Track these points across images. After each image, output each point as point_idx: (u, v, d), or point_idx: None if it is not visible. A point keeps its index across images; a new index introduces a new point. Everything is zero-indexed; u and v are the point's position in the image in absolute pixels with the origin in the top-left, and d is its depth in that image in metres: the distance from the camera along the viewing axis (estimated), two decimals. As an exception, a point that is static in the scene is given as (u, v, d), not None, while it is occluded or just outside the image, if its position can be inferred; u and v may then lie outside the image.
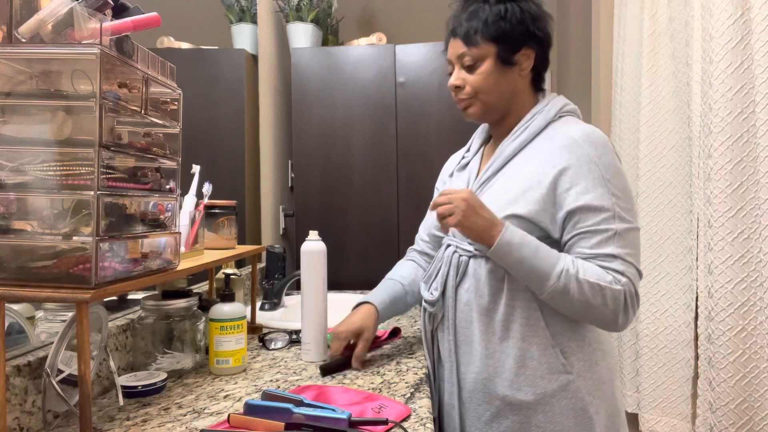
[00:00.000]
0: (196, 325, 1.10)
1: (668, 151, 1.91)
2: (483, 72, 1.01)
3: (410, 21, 3.09)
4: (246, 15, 2.01)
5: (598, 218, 0.93)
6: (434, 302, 1.06)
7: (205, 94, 1.71)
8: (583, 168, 0.94)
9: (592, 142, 0.96)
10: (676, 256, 1.89)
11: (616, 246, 0.92)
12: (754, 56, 1.48)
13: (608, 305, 0.91)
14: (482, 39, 1.00)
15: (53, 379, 0.78)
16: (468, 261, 1.02)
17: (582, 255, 0.94)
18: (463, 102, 1.05)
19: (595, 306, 0.91)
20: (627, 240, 0.93)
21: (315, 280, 1.14)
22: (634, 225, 0.95)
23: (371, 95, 2.19)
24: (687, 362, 1.83)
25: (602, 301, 0.91)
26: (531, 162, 0.99)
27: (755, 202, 1.50)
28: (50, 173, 0.72)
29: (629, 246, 0.93)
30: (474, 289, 1.01)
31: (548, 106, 1.04)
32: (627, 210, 0.95)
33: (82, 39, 0.72)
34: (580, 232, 0.94)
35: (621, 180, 0.96)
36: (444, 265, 1.06)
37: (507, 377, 0.97)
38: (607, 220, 0.93)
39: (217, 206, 1.29)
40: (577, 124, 1.00)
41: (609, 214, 0.93)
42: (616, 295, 0.91)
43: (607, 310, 0.92)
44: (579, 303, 0.91)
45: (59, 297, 0.70)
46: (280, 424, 0.76)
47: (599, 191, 0.93)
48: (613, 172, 0.95)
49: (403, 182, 2.20)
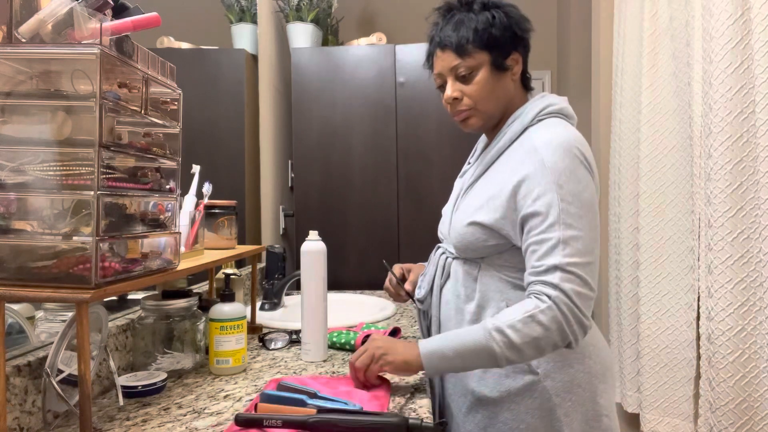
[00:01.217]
0: (196, 325, 1.10)
1: (669, 151, 1.91)
2: (479, 81, 1.00)
3: (410, 21, 3.09)
4: (246, 15, 2.01)
5: (543, 225, 0.90)
6: (422, 300, 1.13)
7: (205, 94, 1.71)
8: (538, 174, 0.92)
9: (551, 147, 0.93)
10: (677, 256, 1.89)
11: (559, 255, 0.88)
12: (754, 56, 1.48)
13: (550, 328, 0.86)
14: (474, 48, 0.99)
15: (53, 379, 0.78)
16: (452, 262, 1.07)
17: (530, 270, 0.91)
18: (462, 113, 1.03)
19: (541, 337, 0.87)
20: (572, 248, 0.88)
21: (315, 280, 1.14)
22: (580, 233, 0.89)
23: (371, 95, 2.19)
24: (689, 362, 1.83)
25: (543, 330, 0.87)
26: (502, 169, 0.99)
27: (755, 202, 1.50)
28: (50, 173, 0.72)
29: (575, 254, 0.88)
30: (453, 288, 1.05)
31: (527, 110, 1.02)
32: (577, 217, 0.90)
33: (82, 39, 0.72)
34: (530, 243, 0.92)
35: (575, 185, 0.91)
36: (433, 265, 1.12)
37: (477, 373, 1.00)
38: (551, 227, 0.89)
39: (217, 206, 1.29)
40: (547, 129, 0.97)
41: (553, 220, 0.90)
42: (551, 315, 0.87)
43: (552, 333, 0.87)
44: (527, 345, 0.87)
45: (59, 297, 0.70)
46: (311, 410, 0.79)
47: (548, 197, 0.90)
48: (567, 177, 0.91)
49: (403, 182, 2.20)
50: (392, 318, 1.55)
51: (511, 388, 0.97)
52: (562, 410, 0.95)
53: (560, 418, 0.95)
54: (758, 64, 1.47)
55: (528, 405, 0.96)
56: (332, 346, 1.24)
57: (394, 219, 2.20)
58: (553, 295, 0.87)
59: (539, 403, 0.95)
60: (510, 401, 0.97)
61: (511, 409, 0.96)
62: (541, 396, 0.95)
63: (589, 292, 0.89)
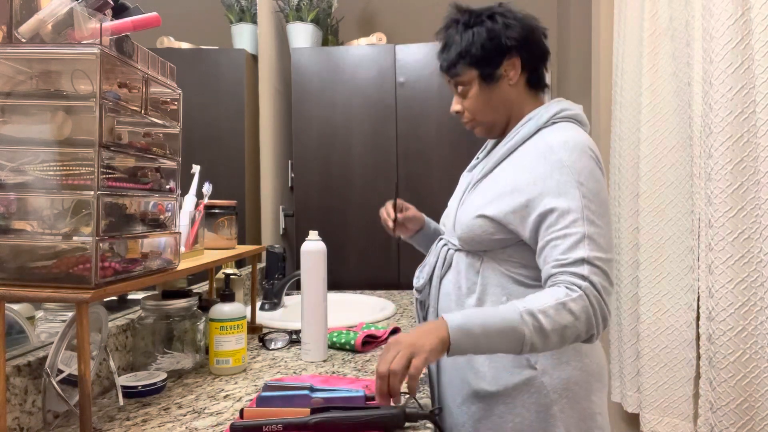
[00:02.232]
0: (196, 325, 1.10)
1: (669, 151, 1.91)
2: (473, 95, 1.07)
3: (410, 21, 3.09)
4: (246, 15, 2.01)
5: (566, 221, 0.92)
6: (421, 289, 1.15)
7: (205, 94, 1.71)
8: (556, 172, 0.95)
9: (568, 147, 0.96)
10: (677, 256, 1.89)
11: (586, 249, 0.90)
12: (754, 56, 1.48)
13: (580, 318, 0.87)
14: (462, 67, 1.05)
15: (53, 379, 0.77)
16: (454, 254, 1.08)
17: (554, 263, 0.92)
18: (467, 125, 1.12)
19: (569, 326, 0.87)
20: (597, 244, 0.91)
21: (315, 280, 1.14)
22: (602, 230, 0.92)
23: (371, 95, 2.19)
24: (689, 362, 1.83)
25: (573, 319, 0.87)
26: (513, 167, 1.02)
27: (755, 202, 1.50)
28: (50, 173, 0.72)
29: (599, 250, 0.91)
30: (454, 280, 1.07)
31: (542, 112, 1.05)
32: (599, 214, 0.93)
33: (82, 39, 0.72)
34: (552, 238, 0.93)
35: (595, 185, 0.95)
36: (433, 256, 1.13)
37: (475, 366, 1.02)
38: (575, 223, 0.91)
39: (217, 206, 1.29)
40: (561, 131, 1.00)
41: (578, 215, 0.92)
42: (582, 304, 0.87)
43: (580, 324, 0.87)
44: (555, 333, 0.86)
45: (59, 297, 0.70)
46: (305, 410, 0.78)
47: (571, 194, 0.93)
48: (587, 176, 0.94)
49: (403, 182, 2.20)
50: (392, 318, 1.55)
51: (509, 382, 0.98)
52: (558, 406, 0.97)
53: (556, 414, 0.97)
54: (758, 64, 1.47)
55: (524, 400, 0.97)
56: (332, 346, 1.24)
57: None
58: (584, 286, 0.88)
59: (536, 399, 0.97)
60: (506, 395, 0.98)
61: (506, 403, 0.98)
62: (538, 391, 0.97)
63: (611, 287, 0.91)
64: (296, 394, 0.82)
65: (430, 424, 0.82)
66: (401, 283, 2.21)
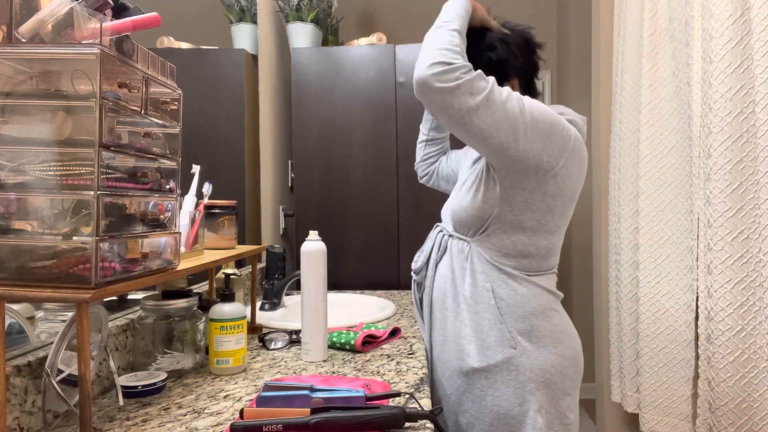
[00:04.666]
0: (196, 325, 1.10)
1: (668, 151, 1.91)
2: None
3: (410, 21, 3.09)
4: (246, 15, 2.01)
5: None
6: (418, 271, 1.26)
7: (205, 94, 1.71)
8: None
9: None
10: (676, 256, 1.89)
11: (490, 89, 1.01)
12: (754, 56, 1.48)
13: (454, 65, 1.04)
14: None
15: (53, 379, 0.78)
16: (449, 240, 1.20)
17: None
18: None
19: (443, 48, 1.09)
20: (503, 100, 1.01)
21: (315, 280, 1.14)
22: (517, 108, 1.01)
23: (371, 95, 2.19)
24: (688, 362, 1.83)
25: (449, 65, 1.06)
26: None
27: (755, 202, 1.50)
28: (50, 173, 0.72)
29: (499, 102, 1.00)
30: (449, 264, 1.18)
31: None
32: (529, 120, 1.03)
33: (82, 39, 0.72)
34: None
35: (540, 113, 1.04)
36: (430, 241, 1.26)
37: (462, 344, 1.12)
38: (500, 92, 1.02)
39: (217, 206, 1.29)
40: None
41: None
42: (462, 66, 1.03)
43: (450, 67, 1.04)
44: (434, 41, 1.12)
45: (59, 297, 0.70)
46: (305, 410, 0.78)
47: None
48: (539, 113, 1.04)
49: (403, 182, 2.20)
50: (392, 318, 1.56)
51: (491, 360, 1.08)
52: (533, 384, 1.07)
53: (532, 391, 1.07)
54: (758, 64, 1.47)
55: (504, 376, 1.08)
56: (332, 346, 1.24)
57: (394, 219, 2.20)
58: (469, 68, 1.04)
59: (514, 376, 1.07)
60: (488, 371, 1.09)
61: (488, 378, 1.09)
62: (517, 370, 1.07)
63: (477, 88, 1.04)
64: (296, 394, 0.82)
65: (430, 424, 0.82)
66: (401, 283, 2.21)
